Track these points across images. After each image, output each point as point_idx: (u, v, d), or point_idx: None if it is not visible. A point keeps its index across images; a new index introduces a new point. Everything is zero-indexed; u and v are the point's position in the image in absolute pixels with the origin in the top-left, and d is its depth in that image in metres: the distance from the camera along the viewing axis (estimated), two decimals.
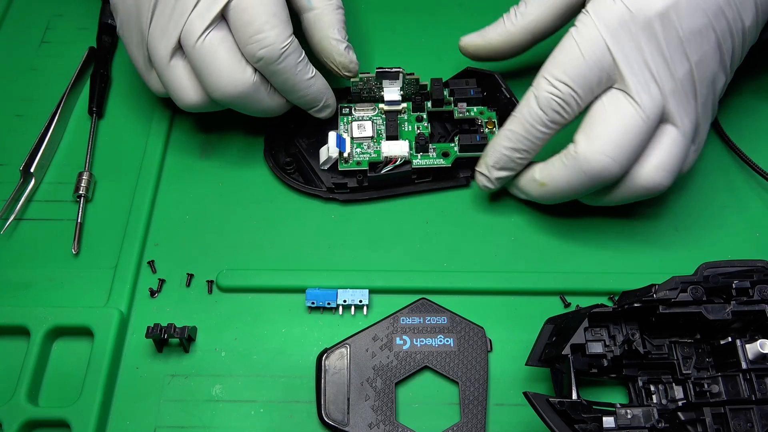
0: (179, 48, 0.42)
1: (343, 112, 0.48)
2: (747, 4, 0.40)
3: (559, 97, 0.40)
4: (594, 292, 0.44)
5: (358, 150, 0.46)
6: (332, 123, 0.48)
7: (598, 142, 0.39)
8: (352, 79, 0.47)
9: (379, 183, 0.47)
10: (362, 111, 0.48)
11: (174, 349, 0.42)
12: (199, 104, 0.44)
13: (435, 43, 0.54)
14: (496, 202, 0.47)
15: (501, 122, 0.48)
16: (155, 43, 0.42)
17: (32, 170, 0.47)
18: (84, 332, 0.42)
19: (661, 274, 0.41)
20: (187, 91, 0.44)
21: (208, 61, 0.42)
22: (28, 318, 0.42)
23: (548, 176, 0.42)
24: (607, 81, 0.40)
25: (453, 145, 0.47)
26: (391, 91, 0.48)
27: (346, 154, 0.46)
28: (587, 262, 0.45)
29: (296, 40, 0.43)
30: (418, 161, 0.46)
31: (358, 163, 0.46)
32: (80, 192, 0.47)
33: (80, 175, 0.47)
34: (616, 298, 0.43)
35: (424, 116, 0.48)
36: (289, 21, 0.42)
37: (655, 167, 0.40)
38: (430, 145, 0.47)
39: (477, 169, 0.45)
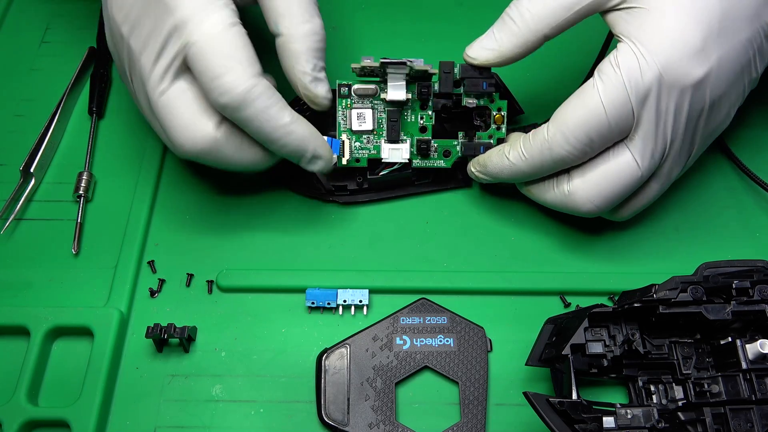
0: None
1: (342, 92, 0.44)
2: (765, 57, 0.40)
3: (576, 153, 0.40)
4: (594, 292, 0.44)
5: (357, 144, 0.45)
6: (330, 126, 0.48)
7: (592, 192, 0.40)
8: (352, 65, 0.43)
9: (379, 185, 0.47)
10: (362, 100, 0.44)
11: (174, 349, 0.42)
12: (189, 155, 0.41)
13: (435, 44, 0.54)
14: (496, 203, 0.47)
15: None
16: (137, 98, 0.41)
17: (32, 170, 0.47)
18: (84, 332, 0.42)
19: (661, 274, 0.41)
20: (170, 143, 0.41)
21: (167, 117, 0.39)
22: (28, 318, 0.42)
23: (535, 190, 0.43)
24: (620, 135, 0.39)
25: (456, 143, 0.45)
26: (396, 89, 0.44)
27: (345, 158, 0.44)
28: (587, 262, 0.45)
29: (266, 81, 0.39)
30: (418, 162, 0.46)
31: (357, 160, 0.45)
32: (80, 192, 0.47)
33: (80, 175, 0.47)
34: (616, 298, 0.43)
35: (431, 114, 0.45)
36: (255, 60, 0.39)
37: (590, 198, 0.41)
38: (433, 142, 0.45)
39: (474, 168, 0.44)
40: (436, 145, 0.45)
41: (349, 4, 0.57)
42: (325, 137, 0.47)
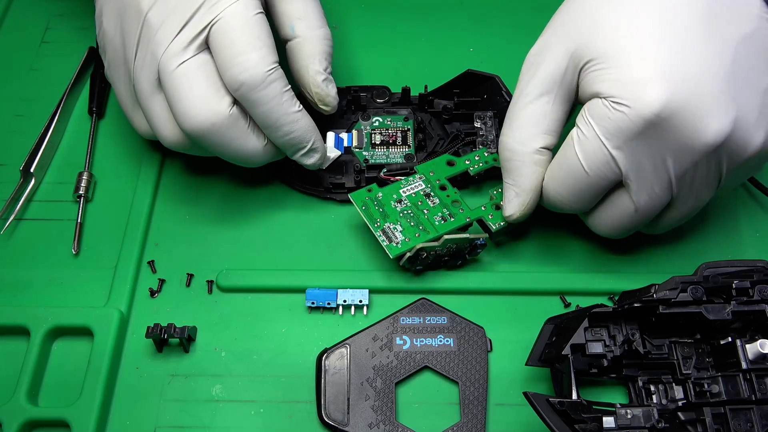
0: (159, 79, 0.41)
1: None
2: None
3: (566, 209, 0.41)
4: (594, 292, 0.44)
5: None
6: (331, 123, 0.49)
7: (604, 224, 0.41)
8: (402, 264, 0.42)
9: (378, 183, 0.47)
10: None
11: (174, 349, 0.42)
12: (179, 141, 0.42)
13: (436, 44, 0.54)
14: None
15: (501, 125, 0.48)
16: (138, 76, 0.41)
17: (32, 170, 0.47)
18: (84, 332, 0.42)
19: (661, 274, 0.41)
20: (165, 125, 0.42)
21: (181, 88, 0.39)
22: (28, 318, 0.42)
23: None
24: (612, 183, 0.38)
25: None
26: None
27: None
28: (587, 262, 0.45)
29: (282, 70, 0.40)
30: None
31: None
32: (80, 192, 0.47)
33: (80, 175, 0.47)
34: (616, 298, 0.43)
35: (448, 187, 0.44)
36: (275, 48, 0.40)
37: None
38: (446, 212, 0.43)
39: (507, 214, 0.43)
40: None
41: (349, 4, 0.57)
42: (332, 133, 0.47)
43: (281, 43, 0.45)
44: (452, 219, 0.43)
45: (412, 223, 0.42)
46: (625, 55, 0.36)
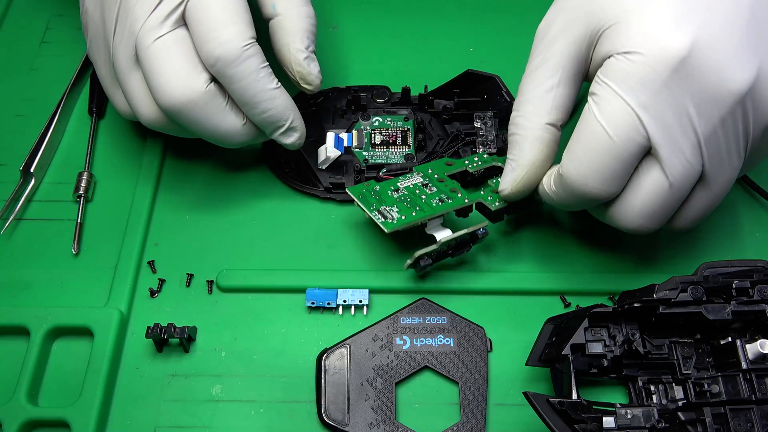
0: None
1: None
2: None
3: (589, 195, 0.36)
4: (594, 292, 0.44)
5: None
6: (331, 123, 0.49)
7: (631, 213, 0.37)
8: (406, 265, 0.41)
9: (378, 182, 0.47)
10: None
11: (174, 349, 0.42)
12: (157, 118, 0.42)
13: (436, 44, 0.54)
14: None
15: (501, 125, 0.48)
16: (116, 52, 0.41)
17: (32, 170, 0.47)
18: (84, 332, 0.42)
19: (661, 274, 0.41)
20: (143, 102, 0.41)
21: (156, 63, 0.39)
22: (28, 318, 0.42)
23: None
24: (640, 151, 0.35)
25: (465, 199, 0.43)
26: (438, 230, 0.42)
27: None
28: (587, 262, 0.45)
29: (259, 46, 0.40)
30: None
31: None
32: (80, 192, 0.47)
33: (80, 175, 0.47)
34: (616, 298, 0.43)
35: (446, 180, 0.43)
36: (252, 24, 0.40)
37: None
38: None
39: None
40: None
41: (349, 4, 0.57)
42: (332, 133, 0.47)
43: (264, 23, 0.44)
44: (450, 201, 0.42)
45: (408, 205, 0.42)
46: (639, 8, 0.35)
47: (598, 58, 0.37)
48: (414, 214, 0.41)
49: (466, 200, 0.42)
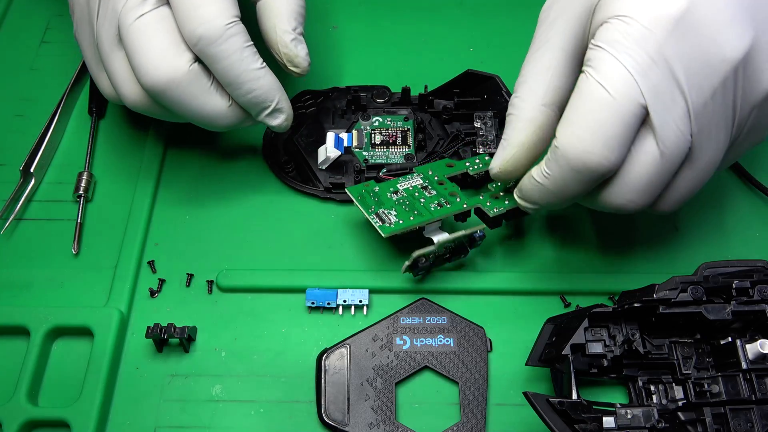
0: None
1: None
2: None
3: (593, 167, 0.34)
4: (594, 292, 0.44)
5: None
6: (331, 123, 0.49)
7: (626, 188, 0.36)
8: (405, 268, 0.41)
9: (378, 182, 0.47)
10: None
11: (174, 349, 0.42)
12: (140, 99, 0.41)
13: (436, 44, 0.54)
14: None
15: (501, 125, 0.48)
16: (100, 32, 0.40)
17: (32, 170, 0.47)
18: (84, 332, 0.42)
19: (661, 274, 0.41)
20: (126, 82, 0.40)
21: (138, 42, 0.38)
22: (28, 318, 0.42)
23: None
24: (639, 117, 0.34)
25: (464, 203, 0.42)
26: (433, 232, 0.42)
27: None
28: (587, 262, 0.45)
29: (243, 25, 0.39)
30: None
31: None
32: (80, 192, 0.47)
33: (80, 175, 0.47)
34: (616, 298, 0.43)
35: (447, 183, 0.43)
36: (236, 3, 0.39)
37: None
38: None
39: (516, 196, 0.40)
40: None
41: (349, 4, 0.57)
42: (332, 133, 0.47)
43: (252, 7, 0.44)
44: (449, 206, 0.42)
45: (407, 209, 0.42)
46: None
47: (594, 30, 0.36)
48: (412, 218, 0.41)
49: (465, 205, 0.42)
